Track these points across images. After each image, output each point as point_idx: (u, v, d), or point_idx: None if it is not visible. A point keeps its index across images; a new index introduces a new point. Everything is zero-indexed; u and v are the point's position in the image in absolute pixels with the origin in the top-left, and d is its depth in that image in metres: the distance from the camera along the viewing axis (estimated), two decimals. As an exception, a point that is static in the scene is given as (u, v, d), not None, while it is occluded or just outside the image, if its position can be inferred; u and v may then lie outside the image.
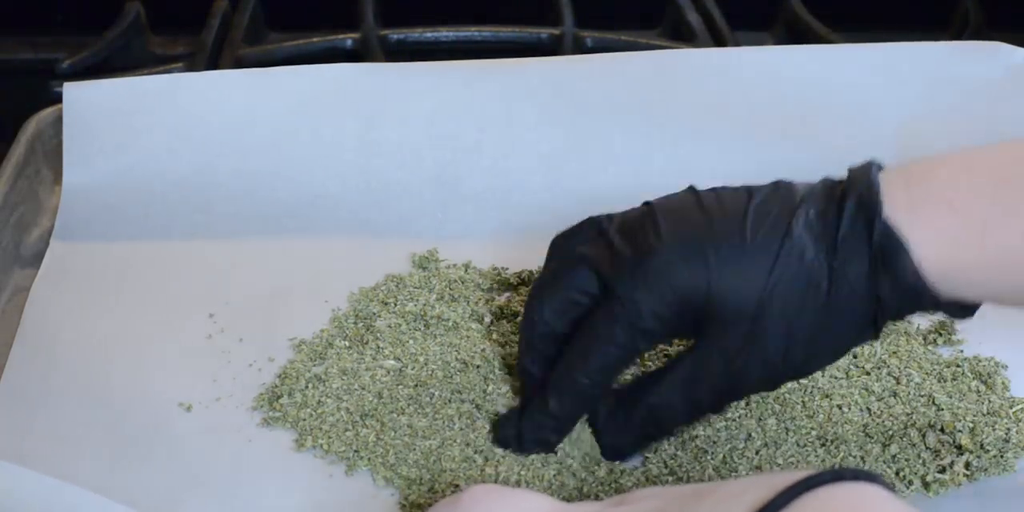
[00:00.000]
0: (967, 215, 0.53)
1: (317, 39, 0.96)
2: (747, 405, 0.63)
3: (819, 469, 0.45)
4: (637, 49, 0.87)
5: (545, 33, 0.96)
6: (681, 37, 0.97)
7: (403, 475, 0.59)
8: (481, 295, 0.71)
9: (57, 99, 0.78)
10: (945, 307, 0.55)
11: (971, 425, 0.62)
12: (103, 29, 0.96)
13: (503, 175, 0.77)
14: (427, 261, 0.73)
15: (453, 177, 0.77)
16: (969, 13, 1.00)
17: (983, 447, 0.61)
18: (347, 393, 0.63)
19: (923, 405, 0.64)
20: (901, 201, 0.54)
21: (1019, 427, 0.62)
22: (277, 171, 0.77)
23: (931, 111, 0.79)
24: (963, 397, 0.64)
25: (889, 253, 0.53)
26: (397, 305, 0.69)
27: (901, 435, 0.62)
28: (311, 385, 0.64)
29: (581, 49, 0.94)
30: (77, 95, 0.77)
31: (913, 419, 0.63)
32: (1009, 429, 0.62)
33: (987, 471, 0.60)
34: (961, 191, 0.54)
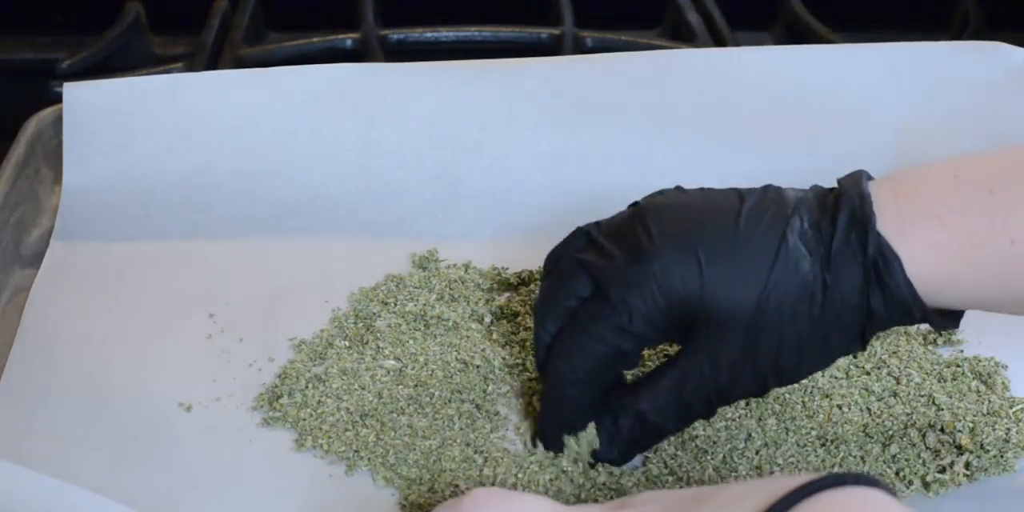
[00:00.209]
0: (957, 228, 0.53)
1: (317, 39, 0.96)
2: (747, 405, 0.63)
3: (820, 470, 0.45)
4: (637, 49, 0.87)
5: (545, 33, 0.96)
6: (681, 37, 0.97)
7: (403, 475, 0.59)
8: (481, 295, 0.71)
9: (57, 99, 0.78)
10: (932, 318, 0.55)
11: (971, 425, 0.62)
12: (103, 29, 0.96)
13: (503, 175, 0.77)
14: (427, 261, 0.73)
15: (453, 177, 0.77)
16: (969, 13, 1.00)
17: (983, 447, 0.61)
18: (347, 393, 0.63)
19: (923, 405, 0.64)
20: (891, 214, 0.54)
21: (1019, 427, 0.62)
22: (277, 171, 0.77)
23: (931, 111, 0.79)
24: (963, 397, 0.64)
25: (882, 267, 0.53)
26: (397, 305, 0.69)
27: (901, 435, 0.62)
28: (311, 385, 0.64)
29: (581, 49, 0.94)
30: (77, 95, 0.77)
31: (913, 419, 0.63)
32: (1009, 429, 0.62)
33: (987, 471, 0.60)
34: (950, 203, 0.54)
